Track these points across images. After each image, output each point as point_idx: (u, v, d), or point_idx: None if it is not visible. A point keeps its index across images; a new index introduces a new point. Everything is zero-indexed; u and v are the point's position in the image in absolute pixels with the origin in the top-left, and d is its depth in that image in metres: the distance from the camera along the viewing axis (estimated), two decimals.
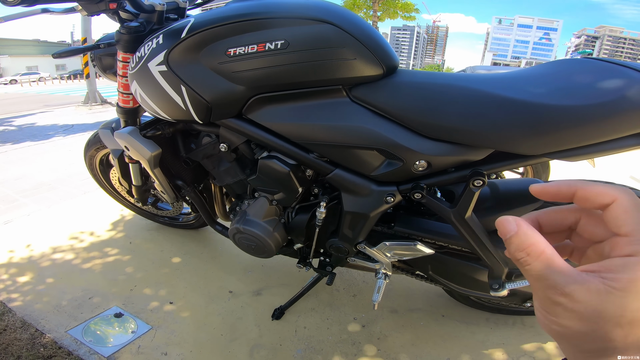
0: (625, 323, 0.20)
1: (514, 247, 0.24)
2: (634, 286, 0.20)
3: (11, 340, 1.15)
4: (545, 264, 0.22)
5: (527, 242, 0.23)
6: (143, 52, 0.90)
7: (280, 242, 1.07)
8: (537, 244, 0.23)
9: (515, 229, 0.24)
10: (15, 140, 3.88)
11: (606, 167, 2.89)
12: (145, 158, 1.09)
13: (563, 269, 0.22)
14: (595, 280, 0.21)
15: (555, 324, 0.22)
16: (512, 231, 0.24)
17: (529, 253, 0.23)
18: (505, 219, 0.25)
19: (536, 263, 0.23)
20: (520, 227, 0.24)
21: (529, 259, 0.23)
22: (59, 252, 1.65)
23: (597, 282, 0.21)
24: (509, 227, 0.24)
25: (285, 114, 0.85)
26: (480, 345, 1.18)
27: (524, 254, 0.23)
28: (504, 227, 0.25)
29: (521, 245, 0.23)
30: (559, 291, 0.22)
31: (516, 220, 0.24)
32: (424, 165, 0.79)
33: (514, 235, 0.24)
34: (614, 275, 0.21)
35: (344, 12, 0.81)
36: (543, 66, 0.79)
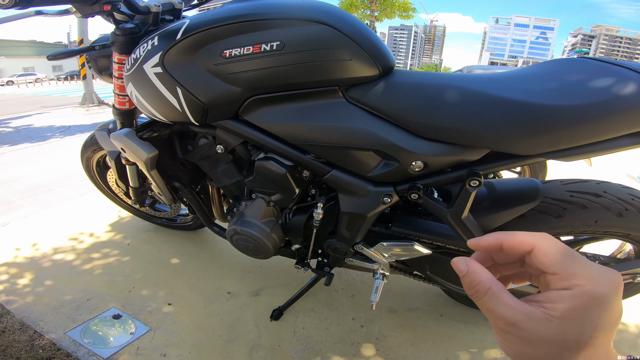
0: (572, 347, 0.23)
1: (466, 285, 0.27)
2: (571, 314, 0.23)
3: (10, 342, 1.14)
4: (492, 298, 0.26)
5: (476, 281, 0.27)
6: (138, 53, 0.90)
7: (278, 243, 1.07)
8: (483, 282, 0.26)
9: (466, 269, 0.28)
10: (12, 141, 3.86)
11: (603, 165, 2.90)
12: (142, 160, 1.09)
13: (508, 302, 0.25)
14: (537, 310, 0.24)
15: (511, 348, 0.25)
16: (463, 271, 0.28)
17: (478, 290, 0.26)
18: (458, 260, 0.29)
19: (485, 298, 0.26)
20: (470, 266, 0.28)
21: (478, 295, 0.26)
22: (56, 253, 1.64)
23: (539, 312, 0.24)
24: (460, 267, 0.28)
25: (282, 115, 0.85)
26: (479, 345, 1.18)
27: (474, 291, 0.27)
28: (456, 267, 0.28)
29: (471, 283, 0.27)
30: (506, 321, 0.25)
31: (467, 261, 0.28)
32: (420, 166, 0.79)
33: (465, 275, 0.27)
34: (552, 305, 0.24)
35: (340, 13, 0.81)
36: (539, 66, 0.79)
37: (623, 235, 0.87)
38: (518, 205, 0.86)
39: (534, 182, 0.89)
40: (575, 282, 0.24)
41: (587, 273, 0.24)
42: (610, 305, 0.23)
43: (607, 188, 0.86)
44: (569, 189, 0.86)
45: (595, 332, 0.23)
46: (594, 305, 0.23)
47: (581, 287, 0.24)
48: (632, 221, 0.82)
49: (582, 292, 0.23)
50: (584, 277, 0.24)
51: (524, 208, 0.85)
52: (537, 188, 0.87)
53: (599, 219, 0.82)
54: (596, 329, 0.23)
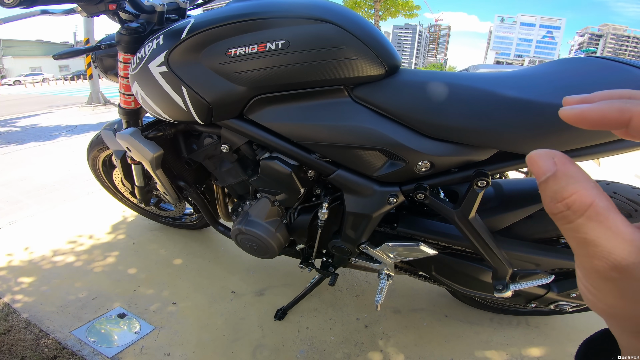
0: None
1: (550, 196, 0.17)
2: None
3: (15, 341, 1.15)
4: (595, 222, 0.16)
5: (569, 190, 0.17)
6: (143, 53, 0.90)
7: (282, 242, 1.07)
8: (583, 191, 0.16)
9: (553, 169, 0.17)
10: (19, 141, 3.90)
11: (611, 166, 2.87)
12: (147, 159, 1.09)
13: (620, 231, 0.16)
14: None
15: (604, 302, 0.17)
16: (549, 171, 0.17)
17: (571, 205, 0.16)
18: (538, 153, 0.18)
19: (581, 221, 0.16)
20: (561, 165, 0.17)
21: (571, 215, 0.16)
22: (62, 253, 1.65)
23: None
24: (544, 165, 0.17)
25: (287, 115, 0.84)
26: (484, 346, 1.17)
27: (564, 206, 0.17)
28: (537, 165, 0.18)
29: (560, 193, 0.17)
30: (611, 263, 0.16)
31: (555, 157, 0.18)
32: (427, 166, 0.78)
33: (551, 178, 0.17)
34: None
35: (345, 11, 0.80)
36: (547, 65, 0.78)
37: None
38: (526, 205, 0.85)
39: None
40: None
41: None
42: None
43: (617, 189, 0.84)
44: None
45: None
46: None
47: None
48: None
49: None
50: None
51: (532, 209, 0.84)
52: None
53: None
54: None
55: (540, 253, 0.88)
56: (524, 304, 1.06)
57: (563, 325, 1.26)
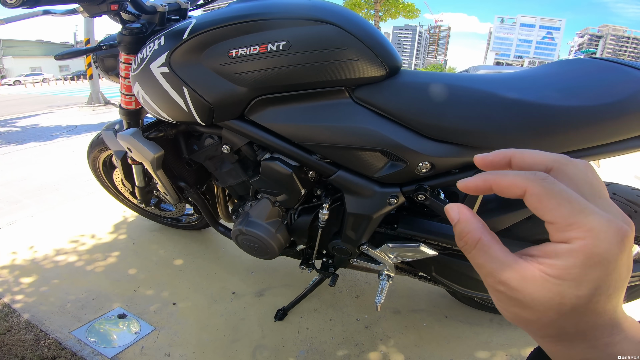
0: (568, 312, 0.20)
1: (456, 236, 0.24)
2: (568, 274, 0.19)
3: (15, 341, 1.15)
4: (482, 251, 0.22)
5: (466, 230, 0.23)
6: (145, 53, 0.90)
7: (282, 243, 1.07)
8: (473, 231, 0.23)
9: (457, 217, 0.24)
10: (19, 141, 3.90)
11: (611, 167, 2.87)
12: (148, 160, 1.09)
13: (498, 256, 0.21)
14: (531, 267, 0.20)
15: (505, 310, 0.22)
16: (455, 219, 0.24)
17: (467, 241, 0.23)
18: (450, 207, 0.24)
19: (474, 251, 0.22)
20: (461, 214, 0.24)
21: (467, 247, 0.23)
22: (62, 253, 1.65)
23: (533, 269, 0.20)
24: (452, 215, 0.24)
25: (288, 116, 0.84)
26: (484, 346, 1.17)
27: (463, 242, 0.23)
28: (449, 215, 0.24)
29: (461, 233, 0.23)
30: (496, 279, 0.21)
31: (459, 208, 0.24)
32: (427, 167, 0.78)
33: (457, 224, 0.24)
34: (550, 262, 0.20)
35: (346, 13, 0.80)
36: (547, 66, 0.78)
37: None
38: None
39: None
40: (574, 234, 0.19)
41: (589, 224, 0.19)
42: (614, 264, 0.19)
43: (616, 190, 0.85)
44: None
45: (595, 296, 0.19)
46: (594, 264, 0.19)
47: (580, 240, 0.19)
48: None
49: (581, 247, 0.19)
50: (584, 229, 0.19)
51: None
52: None
53: None
54: (597, 292, 0.19)
55: None
56: None
57: None
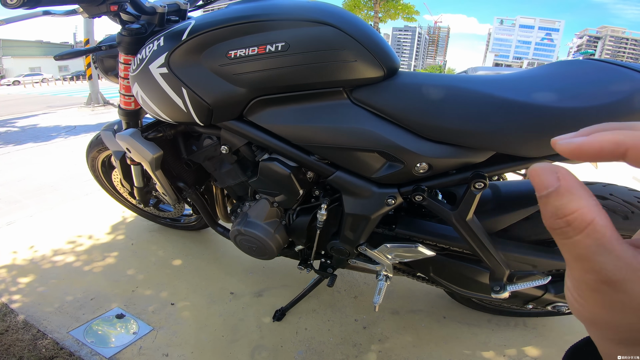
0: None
1: (551, 211, 0.17)
2: None
3: (13, 341, 1.15)
4: (593, 240, 0.16)
5: (571, 207, 0.17)
6: (144, 54, 0.90)
7: (281, 243, 1.07)
8: (584, 209, 0.16)
9: (556, 184, 0.17)
10: (18, 141, 3.90)
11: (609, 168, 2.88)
12: (147, 160, 1.10)
13: (615, 249, 0.16)
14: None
15: (590, 312, 0.18)
16: (552, 186, 0.17)
17: (571, 222, 0.16)
18: (541, 167, 0.18)
19: (579, 237, 0.16)
20: (565, 180, 0.17)
21: (570, 231, 0.17)
22: (61, 253, 1.65)
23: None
24: (547, 179, 0.17)
25: (286, 116, 0.85)
26: (482, 347, 1.18)
27: (564, 222, 0.17)
28: (540, 178, 0.18)
29: (562, 209, 0.17)
30: (603, 277, 0.16)
31: (558, 172, 0.17)
32: (425, 168, 0.79)
33: (554, 193, 0.17)
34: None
35: (345, 14, 0.81)
36: (545, 67, 0.79)
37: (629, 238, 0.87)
38: (523, 207, 0.85)
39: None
40: None
41: None
42: None
43: (613, 190, 0.85)
44: None
45: None
46: None
47: None
48: (638, 224, 0.81)
49: None
50: None
51: (529, 210, 0.85)
52: None
53: None
54: None
55: (537, 254, 0.88)
56: (522, 305, 1.06)
57: (560, 326, 1.27)
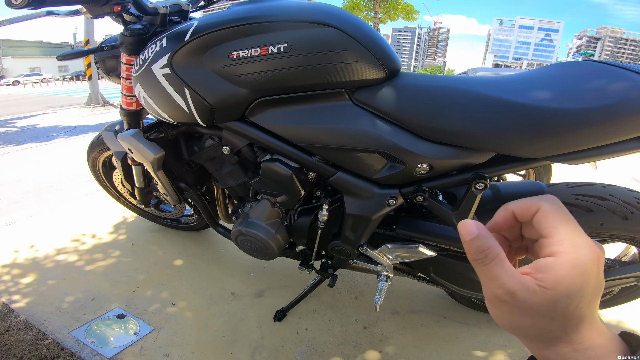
0: (559, 317, 0.24)
1: (474, 249, 0.27)
2: (559, 284, 0.24)
3: (14, 342, 1.15)
4: (499, 265, 0.25)
5: (487, 245, 0.26)
6: (147, 54, 0.91)
7: (282, 244, 1.08)
8: (493, 247, 0.26)
9: (477, 232, 0.27)
10: (18, 141, 3.89)
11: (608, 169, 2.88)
12: (149, 160, 1.10)
13: (511, 271, 0.25)
14: (531, 282, 0.24)
15: (504, 319, 0.26)
16: (474, 234, 0.27)
17: (487, 255, 0.26)
18: (467, 222, 0.28)
19: (491, 264, 0.26)
20: (481, 230, 0.27)
21: (486, 260, 0.26)
22: (61, 253, 1.65)
23: (532, 283, 0.24)
24: (470, 230, 0.27)
25: (288, 117, 0.85)
26: (482, 347, 1.18)
27: (483, 255, 0.26)
28: (465, 230, 0.27)
29: (481, 247, 0.26)
30: (506, 290, 0.25)
31: (477, 225, 0.27)
32: (426, 169, 0.79)
33: (475, 239, 0.27)
34: (542, 276, 0.24)
35: (347, 16, 0.81)
36: (545, 69, 0.79)
37: (628, 239, 0.87)
38: None
39: (539, 185, 0.89)
40: (561, 248, 0.25)
41: (573, 241, 0.25)
42: (592, 276, 0.24)
43: (613, 191, 0.85)
44: (574, 192, 0.86)
45: (579, 302, 0.24)
46: (578, 274, 0.24)
47: (565, 254, 0.24)
48: (637, 224, 0.82)
49: (566, 259, 0.24)
50: (569, 244, 0.25)
51: None
52: (542, 191, 0.87)
53: (604, 223, 0.82)
54: (580, 298, 0.24)
55: None
56: None
57: None
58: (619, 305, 1.10)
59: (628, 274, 0.93)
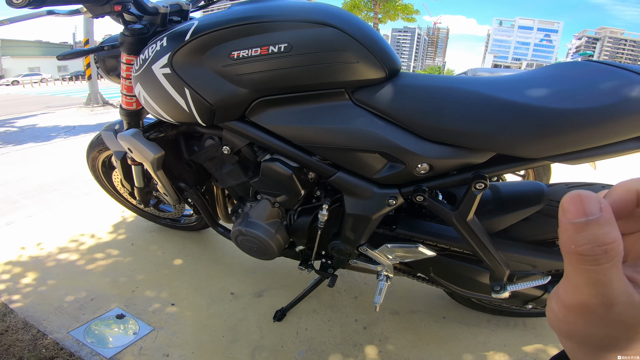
0: None
1: (589, 238, 0.17)
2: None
3: (13, 341, 1.15)
4: (617, 268, 0.17)
5: (611, 238, 0.17)
6: (147, 54, 0.91)
7: (282, 244, 1.08)
8: (619, 241, 0.17)
9: (599, 214, 0.17)
10: (17, 141, 3.89)
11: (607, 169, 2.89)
12: (148, 160, 1.10)
13: (623, 278, 0.18)
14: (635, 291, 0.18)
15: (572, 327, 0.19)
16: (594, 214, 0.17)
17: (609, 251, 0.17)
18: (585, 195, 0.18)
19: (609, 265, 0.17)
20: (606, 213, 0.17)
21: (605, 259, 0.17)
22: (60, 253, 1.65)
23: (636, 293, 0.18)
24: (590, 207, 0.17)
25: (288, 117, 0.85)
26: (482, 347, 1.18)
27: (602, 250, 0.17)
28: (582, 206, 0.17)
29: (602, 238, 0.17)
30: (607, 300, 0.17)
31: (601, 202, 0.18)
32: (426, 168, 0.79)
33: (594, 222, 0.17)
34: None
35: (347, 15, 0.81)
36: (545, 69, 0.79)
37: None
38: (523, 208, 0.86)
39: (539, 185, 0.89)
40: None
41: None
42: None
43: None
44: None
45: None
46: None
47: None
48: None
49: None
50: None
51: (529, 211, 0.85)
52: (542, 191, 0.87)
53: None
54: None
55: (537, 255, 0.89)
56: (521, 305, 1.07)
57: None
58: None
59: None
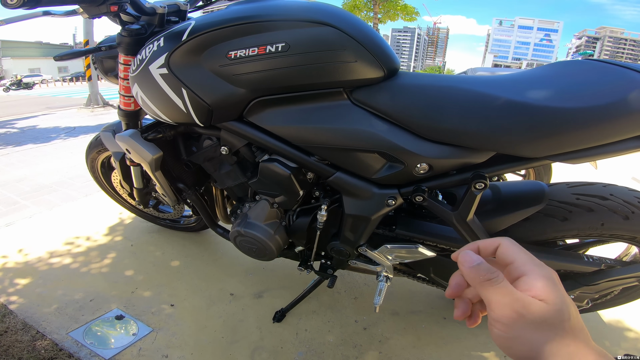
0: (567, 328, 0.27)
1: (486, 270, 0.30)
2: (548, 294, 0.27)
3: (12, 342, 1.14)
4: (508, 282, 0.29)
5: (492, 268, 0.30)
6: (144, 54, 0.90)
7: (281, 244, 1.07)
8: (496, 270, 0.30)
9: (480, 259, 0.31)
10: (17, 142, 3.89)
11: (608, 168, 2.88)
12: (147, 161, 1.09)
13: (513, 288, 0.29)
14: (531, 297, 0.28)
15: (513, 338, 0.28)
16: (478, 261, 0.31)
17: (498, 275, 0.29)
18: (468, 253, 0.32)
19: (504, 282, 0.29)
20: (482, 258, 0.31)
21: (499, 279, 0.29)
22: (60, 254, 1.65)
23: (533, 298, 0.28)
24: (473, 257, 0.31)
25: (286, 117, 0.85)
26: (482, 348, 1.17)
27: (495, 274, 0.29)
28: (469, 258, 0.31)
29: (490, 269, 0.30)
30: (522, 303, 0.27)
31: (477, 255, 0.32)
32: (425, 168, 0.79)
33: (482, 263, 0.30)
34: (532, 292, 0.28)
35: (345, 15, 0.81)
36: (545, 68, 0.79)
37: (629, 239, 0.87)
38: (524, 208, 0.85)
39: (540, 185, 0.89)
40: (528, 267, 0.29)
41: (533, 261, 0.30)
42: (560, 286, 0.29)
43: (614, 191, 0.85)
44: (575, 192, 0.85)
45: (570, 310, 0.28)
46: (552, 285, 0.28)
47: (533, 271, 0.29)
48: (638, 224, 0.81)
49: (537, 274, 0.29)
50: (531, 264, 0.30)
51: (530, 211, 0.85)
52: (542, 191, 0.86)
53: (605, 222, 0.81)
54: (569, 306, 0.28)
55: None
56: None
57: None
58: (620, 305, 1.10)
59: (629, 274, 0.93)
